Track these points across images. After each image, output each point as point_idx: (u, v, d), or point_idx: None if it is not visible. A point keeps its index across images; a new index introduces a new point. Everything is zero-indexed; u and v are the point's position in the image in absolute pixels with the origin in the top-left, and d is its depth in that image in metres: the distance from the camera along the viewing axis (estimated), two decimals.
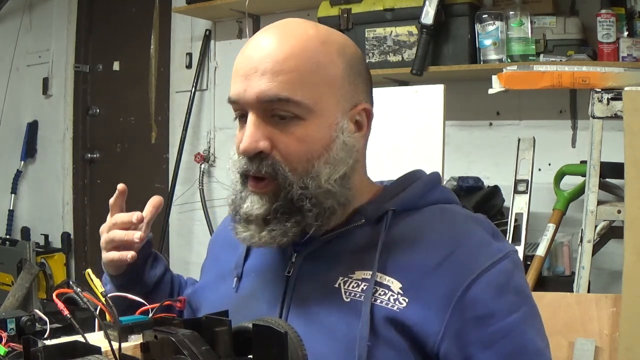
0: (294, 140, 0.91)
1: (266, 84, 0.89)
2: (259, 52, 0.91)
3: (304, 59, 0.91)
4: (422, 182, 1.01)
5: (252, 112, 0.92)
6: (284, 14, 3.11)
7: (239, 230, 0.95)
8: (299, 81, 0.90)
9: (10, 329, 0.72)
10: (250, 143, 0.90)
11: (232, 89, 0.94)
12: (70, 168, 3.99)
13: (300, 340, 0.71)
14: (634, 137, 1.76)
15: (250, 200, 0.93)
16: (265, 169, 0.91)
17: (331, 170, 0.92)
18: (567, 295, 1.87)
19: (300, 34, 0.92)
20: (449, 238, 0.92)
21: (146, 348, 0.68)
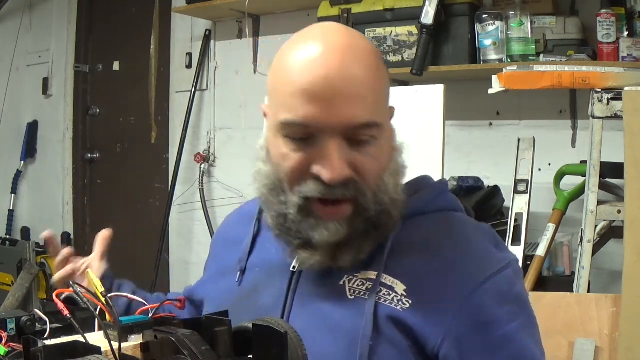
0: (370, 161, 0.90)
1: (356, 110, 0.87)
2: (338, 74, 0.87)
3: (378, 79, 0.91)
4: (430, 188, 1.02)
5: (333, 138, 0.87)
6: (284, 14, 3.11)
7: (303, 258, 0.93)
8: (377, 103, 0.90)
9: (10, 329, 0.72)
10: (339, 173, 0.87)
11: (301, 111, 0.87)
12: (70, 168, 3.99)
13: (300, 340, 0.71)
14: (634, 137, 1.75)
15: (326, 228, 0.90)
16: (350, 193, 0.89)
17: (395, 180, 0.94)
18: (567, 295, 1.87)
19: (365, 49, 0.91)
20: (454, 246, 0.94)
21: (146, 348, 0.68)
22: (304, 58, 0.88)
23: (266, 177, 0.94)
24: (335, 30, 0.93)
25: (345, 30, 0.93)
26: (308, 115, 0.87)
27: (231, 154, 3.36)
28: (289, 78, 0.89)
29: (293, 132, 0.89)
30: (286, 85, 0.89)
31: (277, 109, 0.91)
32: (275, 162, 0.92)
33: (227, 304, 0.86)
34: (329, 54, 0.88)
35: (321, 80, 0.86)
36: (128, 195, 3.81)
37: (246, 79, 3.27)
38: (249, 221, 1.10)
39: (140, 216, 3.75)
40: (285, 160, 0.90)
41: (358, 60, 0.89)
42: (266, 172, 0.95)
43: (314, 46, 0.89)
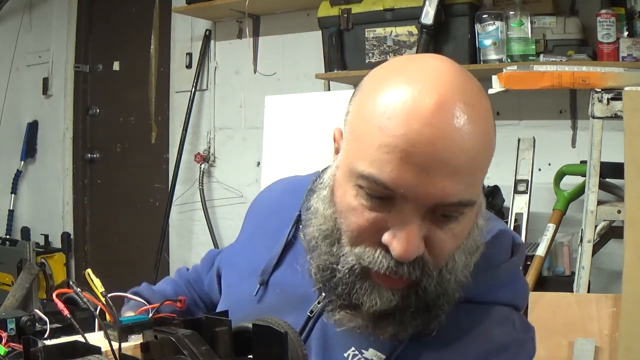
0: (450, 238, 0.76)
1: (455, 187, 0.72)
2: (446, 138, 0.71)
3: (489, 150, 0.77)
4: (502, 273, 0.87)
5: (417, 211, 0.73)
6: (284, 14, 3.11)
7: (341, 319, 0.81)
8: (479, 179, 0.77)
9: (10, 329, 0.72)
10: (411, 252, 0.73)
11: (388, 171, 0.72)
12: (70, 168, 3.99)
13: (300, 340, 0.71)
14: (634, 137, 1.76)
15: (380, 296, 0.77)
16: (416, 274, 0.76)
17: (467, 260, 0.80)
18: (567, 295, 1.87)
19: (482, 107, 0.75)
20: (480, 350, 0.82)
21: (146, 348, 0.68)
22: (410, 104, 0.72)
23: (323, 221, 0.81)
24: (451, 71, 0.76)
25: (463, 74, 0.76)
26: (398, 180, 0.72)
27: (231, 154, 3.36)
28: (381, 124, 0.73)
29: (371, 189, 0.74)
30: (376, 132, 0.73)
31: (357, 154, 0.76)
32: (340, 210, 0.79)
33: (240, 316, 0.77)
34: (440, 108, 0.71)
35: (424, 142, 0.70)
36: (128, 195, 3.81)
37: (246, 79, 3.27)
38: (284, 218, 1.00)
39: (140, 216, 3.75)
40: (353, 214, 0.77)
41: (472, 124, 0.72)
42: (324, 215, 0.81)
43: (421, 90, 0.72)
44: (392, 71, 0.78)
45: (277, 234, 0.99)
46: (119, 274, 3.54)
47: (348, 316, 0.81)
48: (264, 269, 0.97)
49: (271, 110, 2.22)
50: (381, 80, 0.77)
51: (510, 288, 0.87)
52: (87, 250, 4.03)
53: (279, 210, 1.03)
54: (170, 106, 3.57)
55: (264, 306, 0.94)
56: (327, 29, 2.65)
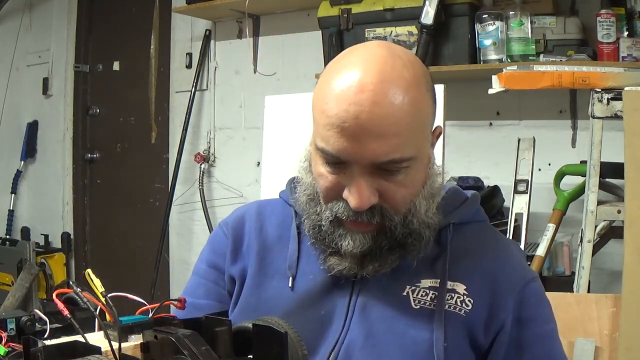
0: (400, 188, 0.94)
1: (382, 148, 0.90)
2: (369, 111, 0.89)
3: (412, 115, 0.92)
4: (472, 201, 1.09)
5: (361, 170, 0.92)
6: (284, 14, 3.11)
7: (332, 263, 0.99)
8: (409, 139, 0.92)
9: (10, 329, 0.72)
10: (363, 202, 0.92)
11: (333, 143, 0.92)
12: (70, 168, 3.99)
13: (301, 340, 0.72)
14: (634, 137, 1.75)
15: (352, 239, 0.96)
16: (376, 219, 0.95)
17: (428, 204, 0.98)
18: (567, 295, 1.87)
19: (401, 81, 0.92)
20: (499, 253, 1.03)
21: (146, 348, 0.68)
22: (340, 89, 0.91)
23: (306, 187, 1.01)
24: (377, 56, 0.93)
25: (388, 56, 0.94)
26: (339, 149, 0.91)
27: (231, 154, 3.36)
28: (324, 107, 0.93)
29: (327, 158, 0.94)
30: (322, 115, 0.93)
31: (315, 133, 0.97)
32: (315, 175, 0.99)
33: (281, 310, 0.98)
34: (364, 88, 0.90)
35: (352, 118, 0.89)
36: (128, 195, 3.81)
37: (246, 79, 3.27)
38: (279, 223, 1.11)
39: (140, 216, 3.75)
40: (321, 178, 0.97)
41: (397, 98, 0.90)
42: (306, 182, 1.01)
43: (351, 75, 0.91)
44: (334, 62, 0.99)
45: (281, 236, 1.09)
46: (119, 274, 3.54)
47: (336, 260, 0.98)
48: (289, 264, 1.05)
49: (271, 110, 2.21)
50: (326, 71, 0.99)
51: (481, 212, 1.11)
52: (87, 250, 4.03)
53: (267, 219, 1.12)
54: (170, 106, 3.56)
55: (301, 293, 1.03)
56: (327, 29, 2.65)
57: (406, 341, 0.95)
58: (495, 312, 0.97)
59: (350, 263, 0.97)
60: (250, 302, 1.05)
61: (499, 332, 0.96)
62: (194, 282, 1.14)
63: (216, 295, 1.10)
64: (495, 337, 0.97)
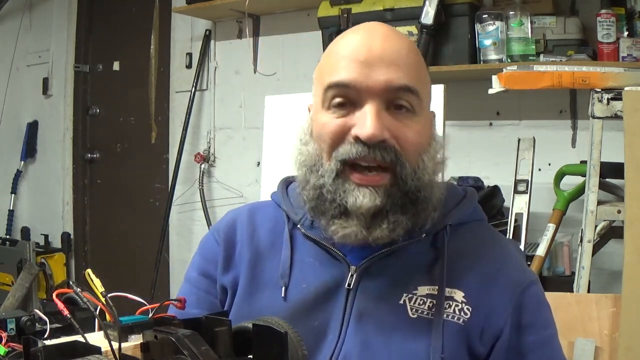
0: (412, 132, 0.92)
1: (396, 73, 0.91)
2: (381, 44, 0.92)
3: (418, 58, 0.97)
4: (470, 199, 1.05)
5: (372, 100, 0.90)
6: (284, 14, 3.11)
7: (336, 227, 0.92)
8: (418, 76, 0.94)
9: (10, 329, 0.72)
10: (376, 130, 0.88)
11: (344, 72, 0.92)
12: (70, 168, 3.99)
13: (301, 340, 0.72)
14: (634, 137, 1.75)
15: (361, 193, 0.90)
16: (390, 157, 0.90)
17: (434, 166, 0.96)
18: (567, 295, 1.87)
19: (407, 39, 0.99)
20: (498, 254, 1.00)
21: (146, 348, 0.68)
22: (349, 37, 0.96)
23: (307, 156, 0.96)
24: (380, 24, 0.99)
25: (389, 27, 0.99)
26: (349, 76, 0.91)
27: (231, 154, 3.36)
28: (335, 52, 0.95)
29: (335, 95, 0.92)
30: (332, 58, 0.95)
31: (322, 82, 0.95)
32: (317, 134, 0.95)
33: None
34: (373, 32, 0.95)
35: (364, 47, 0.92)
36: (128, 195, 3.81)
37: (246, 79, 3.27)
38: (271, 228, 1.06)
39: (140, 216, 3.75)
40: (325, 127, 0.93)
41: (400, 39, 0.95)
42: (307, 151, 0.96)
43: (359, 29, 0.97)
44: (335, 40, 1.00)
45: (273, 244, 1.04)
46: (119, 274, 3.54)
47: (341, 224, 0.91)
48: (282, 273, 1.00)
49: (271, 110, 2.21)
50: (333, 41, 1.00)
51: (478, 209, 1.07)
52: (87, 250, 4.03)
53: (259, 225, 1.07)
54: (170, 106, 3.56)
55: (294, 303, 0.97)
56: (327, 29, 2.65)
57: (403, 353, 0.91)
58: (493, 319, 0.93)
59: (358, 226, 0.90)
60: (242, 313, 1.00)
61: (498, 339, 0.93)
62: (186, 289, 1.10)
63: (208, 304, 1.06)
64: (494, 345, 0.93)
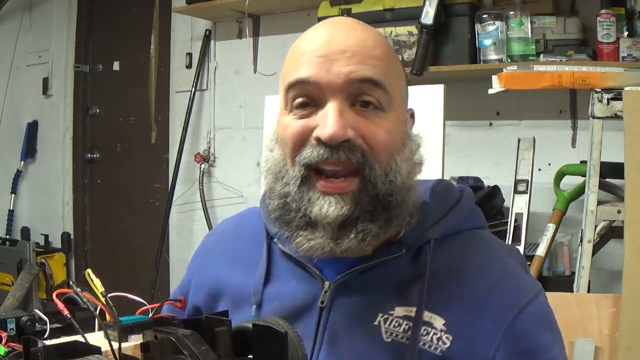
0: (381, 130, 0.84)
1: (358, 65, 0.83)
2: (343, 37, 0.85)
3: (385, 50, 0.88)
4: (463, 205, 0.95)
5: (334, 97, 0.83)
6: (284, 14, 3.11)
7: (301, 240, 0.84)
8: (384, 69, 0.85)
9: (10, 329, 0.72)
10: (338, 129, 0.80)
11: (302, 70, 0.85)
12: (70, 168, 3.99)
13: (301, 340, 0.71)
14: (634, 137, 1.75)
15: (326, 202, 0.82)
16: (356, 158, 0.82)
17: (409, 168, 0.87)
18: (567, 295, 1.87)
19: (372, 29, 0.90)
20: (490, 271, 0.89)
21: (146, 348, 0.68)
22: (311, 32, 0.90)
23: (273, 162, 0.88)
24: (346, 17, 0.94)
25: (356, 20, 0.92)
26: (308, 72, 0.84)
27: (231, 154, 3.36)
28: (297, 48, 0.89)
29: (295, 95, 0.85)
30: (293, 56, 0.89)
31: (283, 83, 0.89)
32: (280, 139, 0.87)
33: None
34: (336, 25, 0.89)
35: (325, 43, 0.85)
36: (128, 195, 3.81)
37: (246, 79, 3.27)
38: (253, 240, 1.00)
39: (140, 216, 3.75)
40: (287, 130, 0.85)
41: (365, 31, 0.88)
42: (273, 157, 0.89)
43: (322, 24, 0.91)
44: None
45: (253, 259, 0.98)
46: (119, 274, 3.54)
47: (306, 235, 0.83)
48: (254, 290, 0.94)
49: (271, 110, 2.21)
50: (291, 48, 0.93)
51: (475, 214, 0.97)
52: (87, 250, 4.03)
53: (243, 240, 1.02)
54: (170, 106, 3.56)
55: None
56: None
57: None
58: (478, 349, 0.83)
59: (324, 237, 0.82)
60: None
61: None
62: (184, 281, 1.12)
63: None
64: None
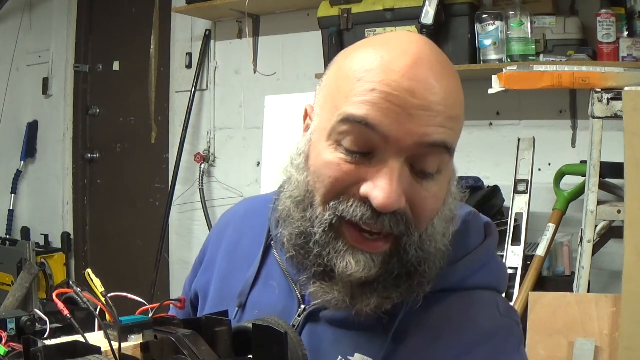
0: (431, 197, 0.75)
1: (436, 128, 0.72)
2: (428, 88, 0.72)
3: (462, 107, 0.78)
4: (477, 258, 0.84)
5: (398, 157, 0.72)
6: (284, 14, 3.11)
7: (317, 291, 0.76)
8: (455, 131, 0.76)
9: (10, 329, 0.72)
10: (394, 200, 0.71)
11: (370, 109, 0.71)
12: (70, 168, 3.99)
13: (301, 340, 0.71)
14: (634, 137, 1.75)
15: (354, 259, 0.73)
16: (400, 229, 0.73)
17: (445, 228, 0.78)
18: (567, 295, 1.87)
19: (452, 70, 0.77)
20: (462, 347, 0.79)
21: (146, 348, 0.68)
22: (384, 61, 0.73)
23: (296, 186, 0.78)
24: (421, 40, 0.78)
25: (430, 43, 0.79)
26: (378, 118, 0.71)
27: (231, 154, 3.36)
28: (359, 77, 0.73)
29: (350, 132, 0.73)
30: (354, 84, 0.73)
31: (336, 105, 0.75)
32: (314, 170, 0.75)
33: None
34: (416, 63, 0.73)
35: (404, 89, 0.71)
36: (128, 195, 3.81)
37: (246, 79, 3.27)
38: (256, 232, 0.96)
39: (140, 216, 3.75)
40: (329, 169, 0.73)
41: (447, 78, 0.74)
42: (297, 181, 0.78)
43: (396, 49, 0.74)
44: (364, 43, 0.80)
45: (251, 255, 0.94)
46: (119, 274, 3.55)
47: (323, 287, 0.76)
48: (241, 291, 0.91)
49: (271, 110, 2.22)
50: (354, 50, 0.78)
51: (487, 270, 0.86)
52: (87, 250, 4.03)
53: (248, 231, 0.98)
54: (170, 106, 3.56)
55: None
56: (327, 29, 2.65)
57: None
58: None
59: (342, 294, 0.75)
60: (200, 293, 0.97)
61: None
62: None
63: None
64: None
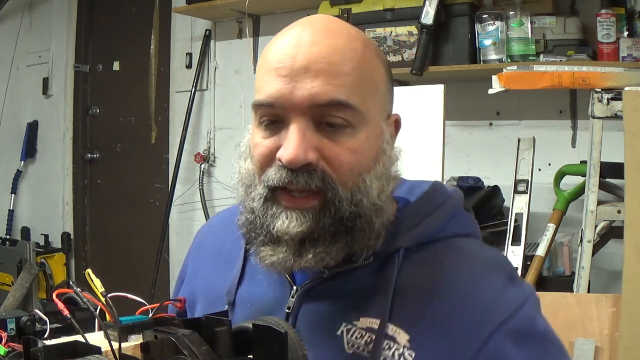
0: (345, 151, 0.80)
1: (321, 86, 0.79)
2: (307, 50, 0.80)
3: (356, 62, 0.82)
4: (444, 210, 0.90)
5: (297, 118, 0.79)
6: (284, 14, 3.11)
7: (264, 254, 0.83)
8: (353, 85, 0.81)
9: (10, 329, 0.72)
10: (298, 153, 0.78)
11: (267, 89, 0.81)
12: (70, 168, 3.99)
13: (301, 340, 0.71)
14: (634, 137, 1.75)
15: (287, 217, 0.80)
16: (315, 183, 0.79)
17: (381, 185, 0.83)
18: (567, 295, 1.87)
19: (345, 34, 0.83)
20: (464, 285, 0.83)
21: (146, 348, 0.68)
22: (279, 41, 0.84)
23: (245, 174, 0.87)
24: (324, 18, 0.87)
25: (336, 20, 0.87)
26: (272, 93, 0.80)
27: (231, 154, 3.34)
28: (264, 60, 0.84)
29: (262, 115, 0.82)
30: (261, 68, 0.84)
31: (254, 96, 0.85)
32: (252, 155, 0.86)
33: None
34: (303, 32, 0.83)
35: (289, 57, 0.80)
36: (128, 195, 3.81)
37: (246, 79, 3.27)
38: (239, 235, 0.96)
39: (140, 216, 3.75)
40: (256, 149, 0.83)
41: (340, 43, 0.82)
42: (244, 168, 0.87)
43: (291, 30, 0.85)
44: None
45: (234, 256, 0.97)
46: (119, 274, 3.55)
47: (269, 250, 0.82)
48: (228, 289, 0.94)
49: None
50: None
51: (459, 219, 0.92)
52: (87, 250, 4.03)
53: (228, 235, 1.00)
54: (170, 106, 3.56)
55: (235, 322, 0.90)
56: None
57: None
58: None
59: (286, 253, 0.81)
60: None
61: None
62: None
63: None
64: None
